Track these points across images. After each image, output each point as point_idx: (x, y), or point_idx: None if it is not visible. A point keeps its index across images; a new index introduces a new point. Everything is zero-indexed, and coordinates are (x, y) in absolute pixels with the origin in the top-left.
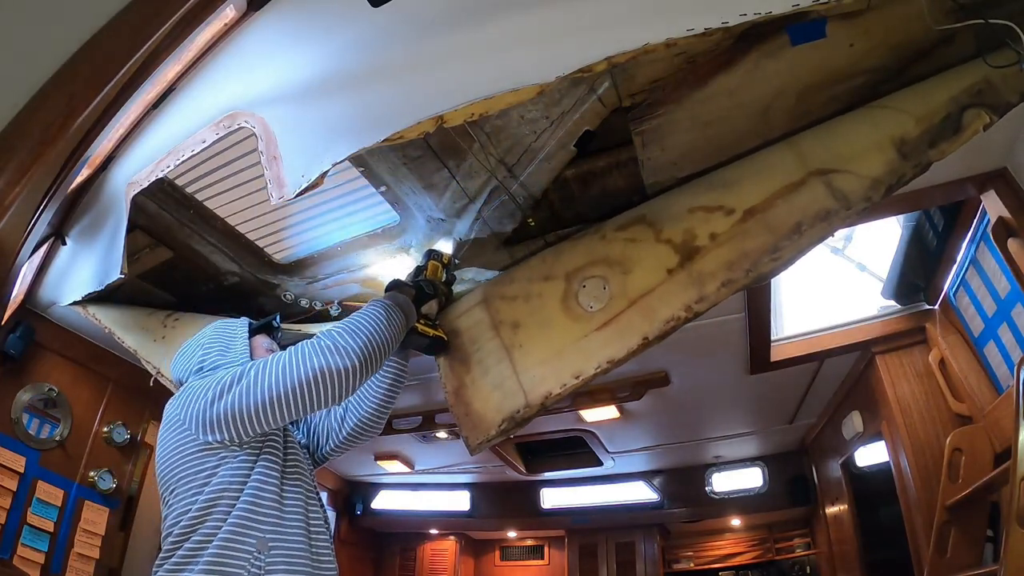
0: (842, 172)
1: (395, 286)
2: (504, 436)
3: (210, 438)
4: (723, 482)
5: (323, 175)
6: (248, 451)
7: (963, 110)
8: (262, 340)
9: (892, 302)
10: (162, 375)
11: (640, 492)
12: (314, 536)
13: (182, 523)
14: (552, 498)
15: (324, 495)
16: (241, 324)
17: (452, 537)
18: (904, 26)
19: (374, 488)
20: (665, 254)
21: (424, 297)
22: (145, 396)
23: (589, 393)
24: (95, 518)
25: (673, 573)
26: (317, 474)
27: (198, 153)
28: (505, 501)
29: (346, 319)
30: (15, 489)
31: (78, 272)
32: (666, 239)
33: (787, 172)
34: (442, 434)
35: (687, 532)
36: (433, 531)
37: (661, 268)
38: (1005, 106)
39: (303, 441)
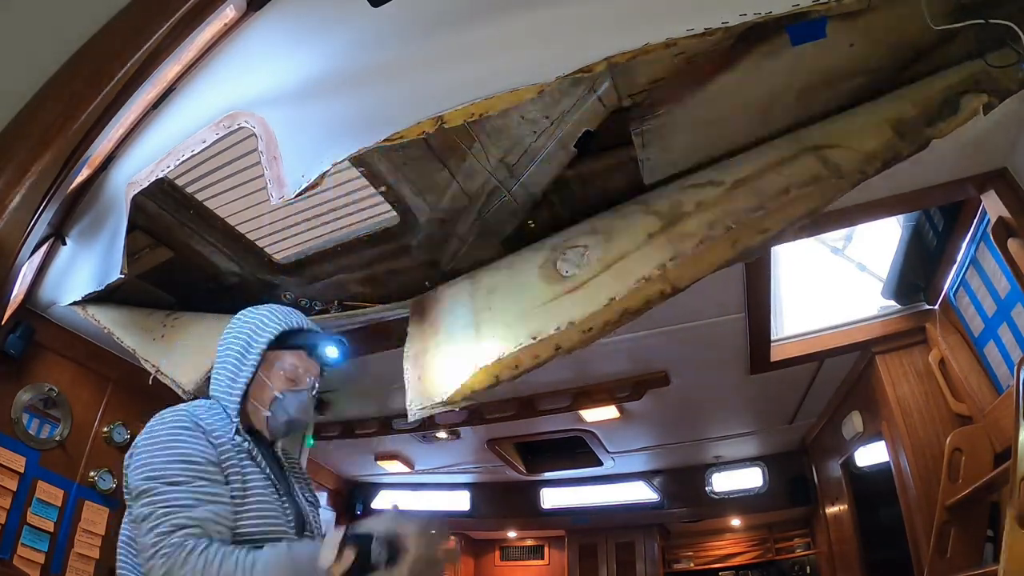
0: (836, 147)
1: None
2: (448, 407)
3: None
4: (723, 482)
5: (323, 175)
6: None
7: (961, 94)
8: (287, 358)
9: (892, 302)
10: (162, 374)
11: (640, 492)
12: None
13: None
14: (552, 498)
15: (324, 495)
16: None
17: (452, 537)
18: (904, 26)
19: (374, 488)
20: (650, 223)
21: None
22: (145, 396)
23: (589, 393)
24: (95, 518)
25: (673, 573)
26: (316, 473)
27: (198, 153)
28: (505, 501)
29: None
30: (15, 489)
31: (78, 272)
32: (654, 211)
33: (780, 150)
34: (442, 434)
35: (687, 532)
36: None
37: (643, 234)
38: (1004, 92)
39: None
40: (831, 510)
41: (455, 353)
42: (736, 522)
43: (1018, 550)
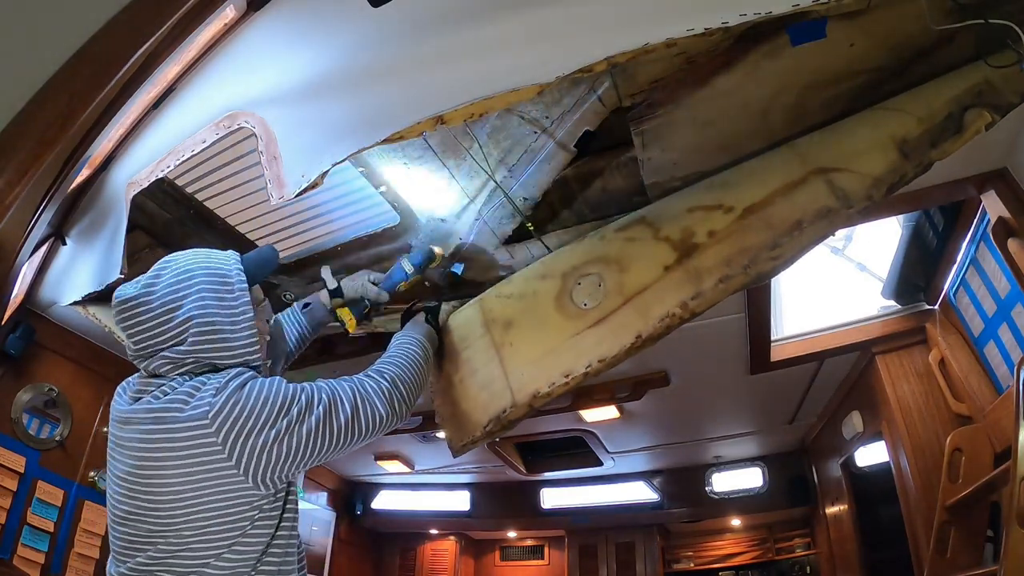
0: (843, 171)
1: (418, 314)
2: (489, 438)
3: (262, 489)
4: (723, 482)
5: (323, 175)
6: (274, 504)
7: (964, 110)
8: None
9: (892, 302)
10: None
11: (640, 492)
12: None
13: None
14: (552, 498)
15: (323, 495)
16: (238, 274)
17: (452, 537)
18: (904, 26)
19: (374, 488)
20: (663, 251)
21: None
22: None
23: (589, 393)
24: (95, 518)
25: (673, 573)
26: (316, 473)
27: (198, 153)
28: (505, 501)
29: (401, 363)
30: (15, 489)
31: (78, 272)
32: (664, 237)
33: (788, 171)
34: (442, 434)
35: (687, 532)
36: (433, 531)
37: (658, 265)
38: (1007, 106)
39: None
40: (831, 510)
41: (483, 389)
42: (736, 522)
43: (1018, 550)
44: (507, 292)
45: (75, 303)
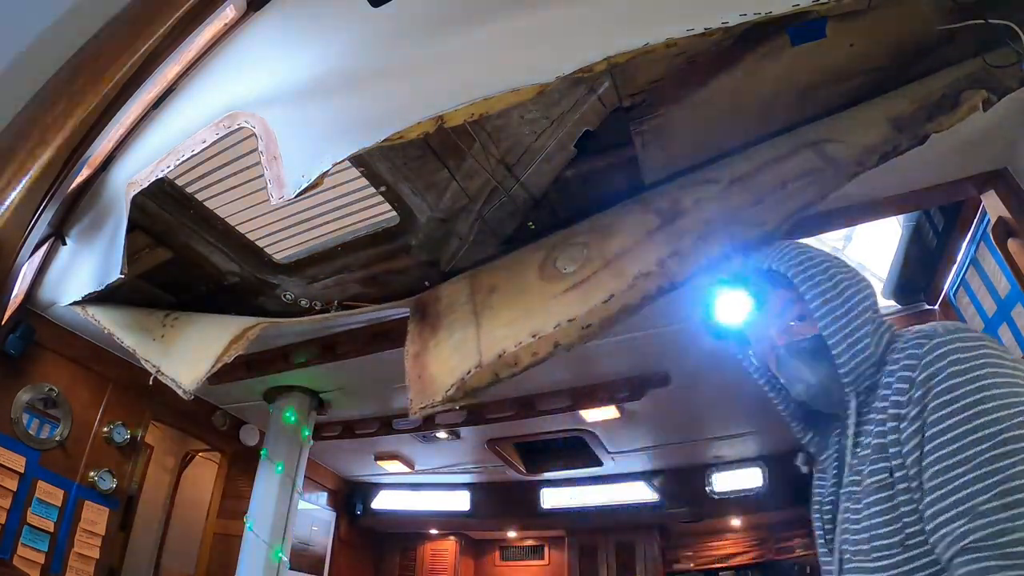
0: (833, 141)
1: None
2: (450, 403)
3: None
4: (723, 482)
5: (323, 175)
6: None
7: (960, 91)
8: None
9: (892, 302)
10: (162, 374)
11: (640, 492)
12: None
13: None
14: (552, 498)
15: (323, 495)
16: None
17: (452, 537)
18: (904, 26)
19: (374, 488)
20: (649, 220)
21: None
22: (145, 396)
23: (589, 393)
24: (95, 518)
25: (673, 573)
26: (316, 473)
27: (198, 153)
28: (505, 501)
29: None
30: (15, 489)
31: (78, 272)
32: (654, 209)
33: (778, 148)
34: (442, 434)
35: (687, 532)
36: (433, 531)
37: (643, 230)
38: (1004, 89)
39: None
40: None
41: (455, 351)
42: (736, 522)
43: None
44: (499, 263)
45: (75, 303)
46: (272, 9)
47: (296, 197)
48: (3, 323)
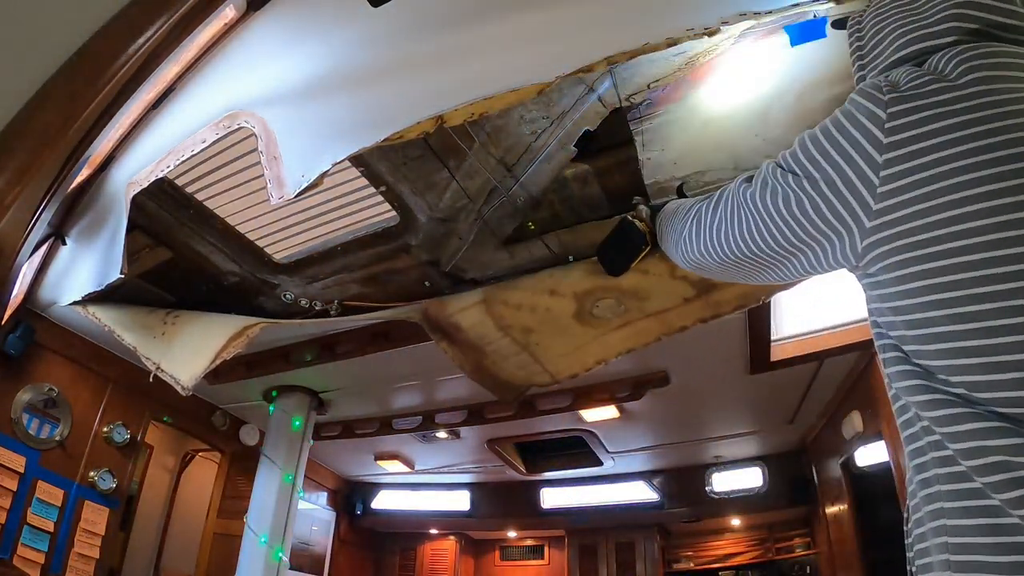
0: None
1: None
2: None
3: None
4: (723, 482)
5: (323, 175)
6: None
7: None
8: None
9: None
10: (162, 371)
11: (640, 492)
12: None
13: None
14: (552, 498)
15: (323, 495)
16: None
17: (452, 537)
18: None
19: (374, 488)
20: (682, 288)
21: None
22: (145, 396)
23: (589, 393)
24: (95, 518)
25: (673, 573)
26: (316, 472)
27: (198, 153)
28: (505, 501)
29: None
30: (15, 489)
31: (78, 272)
32: (681, 276)
33: None
34: (442, 434)
35: (687, 532)
36: (433, 531)
37: (678, 297)
38: None
39: None
40: (831, 510)
41: (520, 369)
42: (736, 522)
43: None
44: (515, 302)
45: (75, 303)
46: (272, 9)
47: (296, 197)
48: (3, 323)
